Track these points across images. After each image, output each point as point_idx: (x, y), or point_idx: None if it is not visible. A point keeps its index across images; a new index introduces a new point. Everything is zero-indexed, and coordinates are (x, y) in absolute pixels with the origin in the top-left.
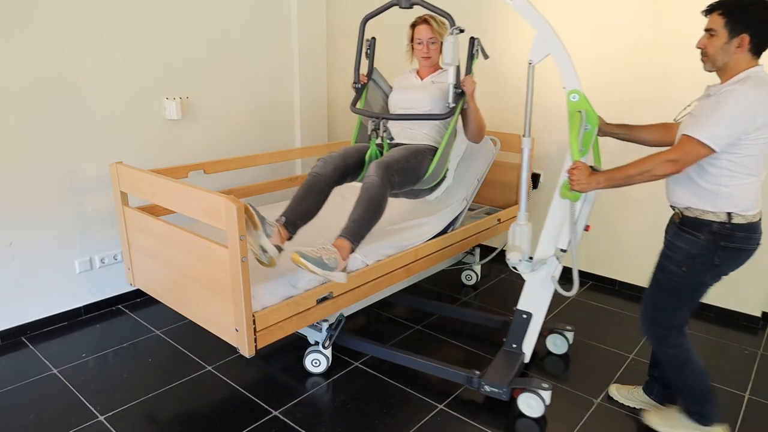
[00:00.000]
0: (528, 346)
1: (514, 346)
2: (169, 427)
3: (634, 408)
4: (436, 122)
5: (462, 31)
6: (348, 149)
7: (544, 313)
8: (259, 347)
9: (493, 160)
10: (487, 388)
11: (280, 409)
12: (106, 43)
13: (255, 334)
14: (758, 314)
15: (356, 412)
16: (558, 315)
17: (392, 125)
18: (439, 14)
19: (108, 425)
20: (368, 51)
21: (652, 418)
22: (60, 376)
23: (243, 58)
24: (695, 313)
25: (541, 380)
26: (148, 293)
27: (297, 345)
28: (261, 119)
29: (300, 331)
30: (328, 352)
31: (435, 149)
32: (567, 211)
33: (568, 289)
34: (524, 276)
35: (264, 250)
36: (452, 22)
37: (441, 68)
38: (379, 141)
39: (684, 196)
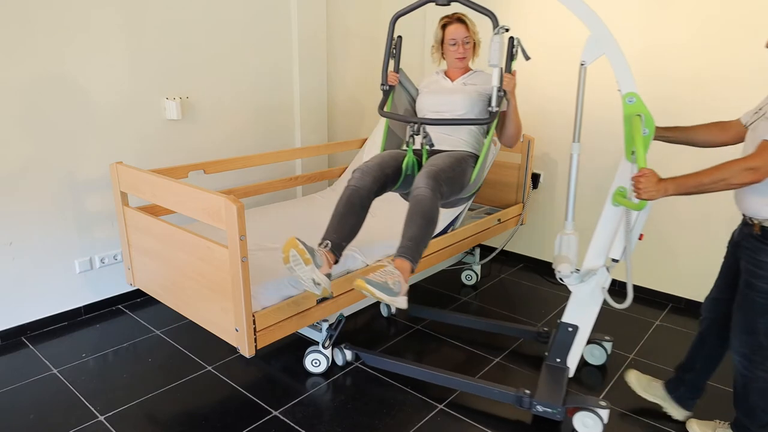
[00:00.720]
0: (573, 361)
1: (558, 360)
2: (169, 427)
3: (645, 400)
4: (473, 127)
5: (507, 29)
6: (384, 157)
7: (591, 326)
8: (259, 347)
9: (493, 160)
10: (540, 408)
11: (280, 409)
12: (107, 44)
13: (255, 334)
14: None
15: (356, 412)
16: (556, 315)
17: (431, 131)
18: (480, 12)
19: (108, 425)
20: (394, 51)
21: (695, 429)
22: (60, 376)
23: (243, 58)
24: (695, 313)
25: (596, 397)
26: (148, 293)
27: (297, 345)
28: (261, 119)
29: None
30: (328, 352)
31: (475, 156)
32: (619, 220)
33: (620, 301)
34: (571, 288)
35: (317, 283)
36: (496, 21)
37: (470, 70)
38: (417, 147)
39: (763, 207)
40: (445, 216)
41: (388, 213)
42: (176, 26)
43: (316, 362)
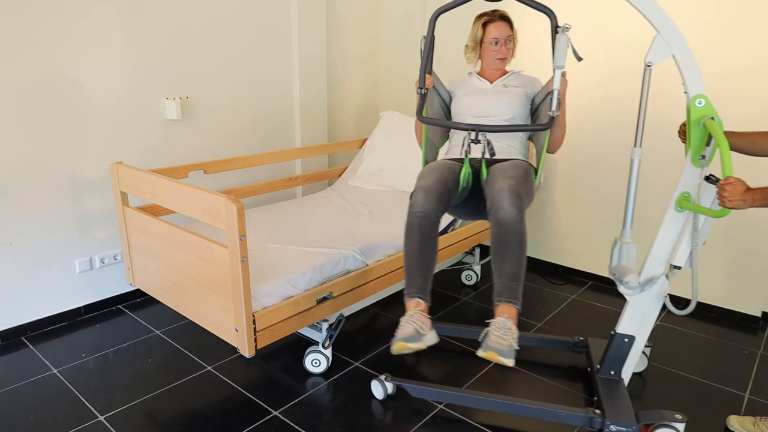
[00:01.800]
0: (627, 373)
1: (612, 373)
2: (169, 427)
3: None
4: (521, 133)
5: (569, 28)
6: (442, 172)
7: (647, 336)
8: (259, 347)
9: None
10: (613, 428)
11: (280, 409)
12: (107, 44)
13: (255, 334)
14: (758, 314)
15: (356, 412)
16: (557, 315)
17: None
18: (537, 9)
19: (108, 425)
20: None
21: (734, 424)
22: (60, 376)
23: (243, 58)
24: (695, 312)
25: (671, 411)
26: (148, 293)
27: (297, 345)
28: (261, 119)
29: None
30: (328, 352)
31: (529, 164)
32: (683, 226)
33: (682, 308)
34: (629, 298)
35: (427, 345)
36: (556, 19)
37: (507, 71)
38: (477, 156)
39: None
40: (445, 216)
41: (388, 212)
42: (176, 26)
43: (316, 362)
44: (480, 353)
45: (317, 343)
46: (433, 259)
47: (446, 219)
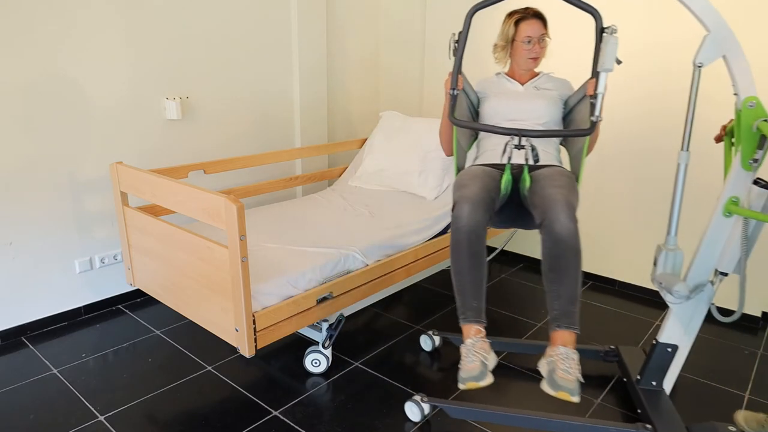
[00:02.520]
0: (669, 383)
1: (654, 383)
2: (169, 427)
3: None
4: (556, 138)
5: (617, 29)
6: (484, 179)
7: (690, 345)
8: (259, 347)
9: None
10: None
11: (280, 409)
12: (107, 44)
13: (255, 334)
14: (758, 314)
15: (356, 412)
16: None
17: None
18: (584, 10)
19: (108, 425)
20: (455, 50)
21: (739, 420)
22: (60, 376)
23: (243, 58)
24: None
25: (723, 423)
26: (148, 293)
27: (297, 345)
28: (261, 119)
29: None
30: (328, 352)
31: (567, 170)
32: (731, 231)
33: (726, 314)
34: (673, 306)
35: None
36: (601, 19)
37: (538, 73)
38: (520, 161)
39: None
40: (445, 216)
41: (388, 212)
42: (177, 26)
43: (316, 362)
44: (549, 391)
45: (317, 343)
46: (485, 276)
47: (446, 219)
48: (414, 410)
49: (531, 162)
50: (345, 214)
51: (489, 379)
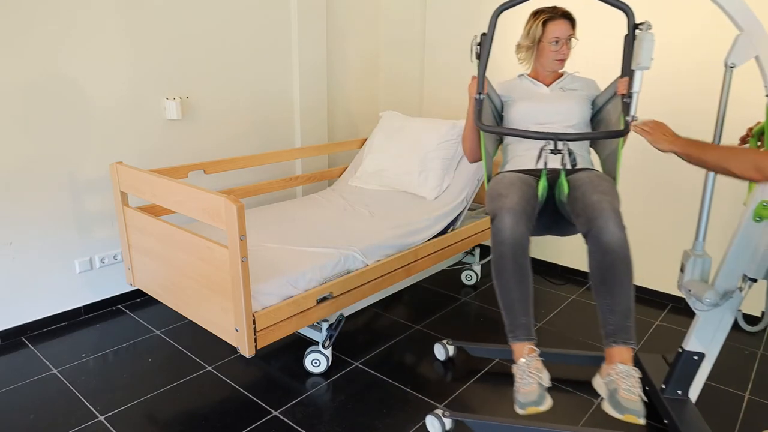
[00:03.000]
0: (695, 391)
1: (680, 392)
2: (169, 427)
3: None
4: (586, 141)
5: (651, 26)
6: (521, 187)
7: (717, 353)
8: (259, 347)
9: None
10: None
11: (280, 409)
12: (107, 44)
13: (255, 334)
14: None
15: (356, 412)
16: (557, 315)
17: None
18: (616, 6)
19: (108, 425)
20: (479, 52)
21: None
22: (60, 376)
23: (243, 57)
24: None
25: None
26: (148, 293)
27: (297, 345)
28: (261, 119)
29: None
30: (328, 352)
31: (604, 173)
32: (760, 236)
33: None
34: (700, 313)
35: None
36: (633, 16)
37: (562, 73)
38: (556, 166)
39: None
40: (445, 216)
41: (388, 212)
42: (177, 26)
43: (316, 362)
44: (614, 414)
45: (317, 343)
46: (531, 290)
47: (446, 219)
48: (435, 425)
49: (569, 166)
50: (345, 214)
51: (549, 403)
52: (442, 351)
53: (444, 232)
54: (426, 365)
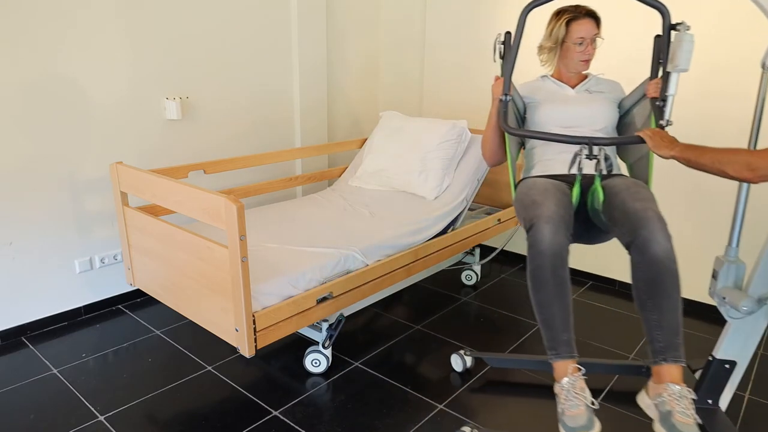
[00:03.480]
0: (725, 400)
1: (710, 401)
2: (169, 427)
3: None
4: (615, 146)
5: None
6: (556, 194)
7: (749, 360)
8: (259, 347)
9: None
10: None
11: (280, 409)
12: (106, 44)
13: (255, 334)
14: None
15: (356, 412)
16: None
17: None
18: (652, 6)
19: (108, 425)
20: (501, 52)
21: None
22: (60, 376)
23: (243, 58)
24: (695, 312)
25: None
26: (148, 293)
27: (297, 345)
28: (261, 119)
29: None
30: (328, 352)
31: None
32: None
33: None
34: (732, 321)
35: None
36: (669, 16)
37: (586, 75)
38: (590, 172)
39: None
40: (445, 216)
41: (388, 212)
42: (177, 26)
43: (316, 362)
44: None
45: (317, 343)
46: (570, 303)
47: (446, 219)
48: (458, 362)
49: (605, 172)
50: (345, 214)
51: (598, 426)
52: (459, 362)
53: (444, 232)
54: (426, 365)
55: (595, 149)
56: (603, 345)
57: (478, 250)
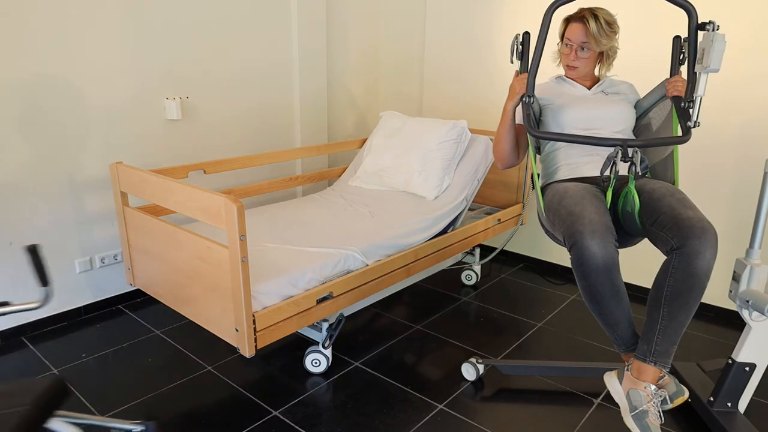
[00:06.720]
0: (744, 403)
1: (729, 405)
2: (169, 427)
3: None
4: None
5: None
6: (594, 203)
7: None
8: (259, 347)
9: (493, 159)
10: None
11: (280, 409)
12: (107, 44)
13: (255, 334)
14: None
15: (356, 412)
16: (557, 315)
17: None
18: (677, 5)
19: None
20: (520, 52)
21: None
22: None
23: (243, 57)
24: (696, 313)
25: None
26: (148, 293)
27: (297, 345)
28: (261, 119)
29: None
30: (328, 352)
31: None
32: None
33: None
34: (753, 324)
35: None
36: (696, 16)
37: (599, 78)
38: (623, 173)
39: None
40: (445, 216)
41: (388, 212)
42: (176, 26)
43: (316, 362)
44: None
45: (317, 343)
46: (628, 302)
47: (446, 219)
48: (470, 371)
49: (640, 174)
50: (345, 214)
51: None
52: (472, 371)
53: (444, 232)
54: (426, 365)
55: (630, 151)
56: (595, 342)
57: (478, 250)
